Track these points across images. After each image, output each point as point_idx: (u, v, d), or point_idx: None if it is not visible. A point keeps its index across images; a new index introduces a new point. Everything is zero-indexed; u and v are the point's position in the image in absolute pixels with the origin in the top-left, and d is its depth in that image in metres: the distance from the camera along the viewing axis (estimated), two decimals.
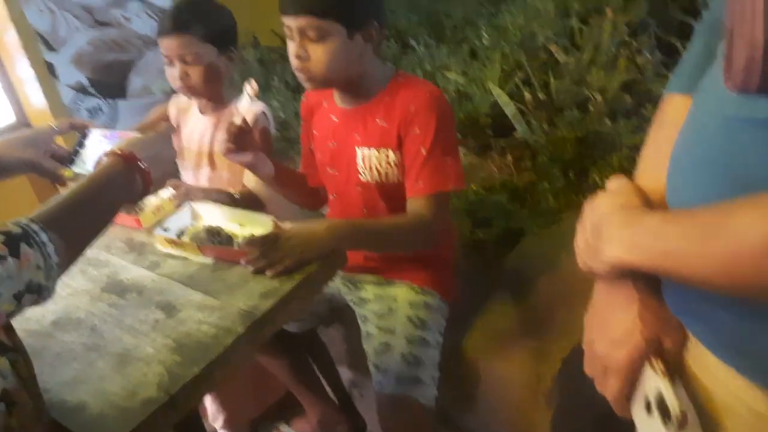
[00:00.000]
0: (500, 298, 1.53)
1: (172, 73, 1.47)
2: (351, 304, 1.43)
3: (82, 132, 1.22)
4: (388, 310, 1.33)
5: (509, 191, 1.88)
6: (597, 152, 1.90)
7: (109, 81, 2.38)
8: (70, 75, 2.26)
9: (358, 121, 1.30)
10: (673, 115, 0.69)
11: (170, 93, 1.73)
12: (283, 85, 2.53)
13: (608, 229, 0.62)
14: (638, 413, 0.63)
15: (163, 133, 1.10)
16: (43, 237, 0.79)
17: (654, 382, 0.59)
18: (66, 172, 1.16)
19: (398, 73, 1.29)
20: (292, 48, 1.21)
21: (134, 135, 1.08)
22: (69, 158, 1.18)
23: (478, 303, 1.53)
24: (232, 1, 1.54)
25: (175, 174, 1.69)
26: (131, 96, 2.45)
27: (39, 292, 0.79)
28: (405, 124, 1.22)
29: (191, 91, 1.51)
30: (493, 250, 1.68)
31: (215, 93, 1.54)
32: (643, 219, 0.59)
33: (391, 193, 1.31)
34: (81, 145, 1.20)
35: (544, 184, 1.84)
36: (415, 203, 1.24)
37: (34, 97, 2.24)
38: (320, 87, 1.28)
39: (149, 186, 0.98)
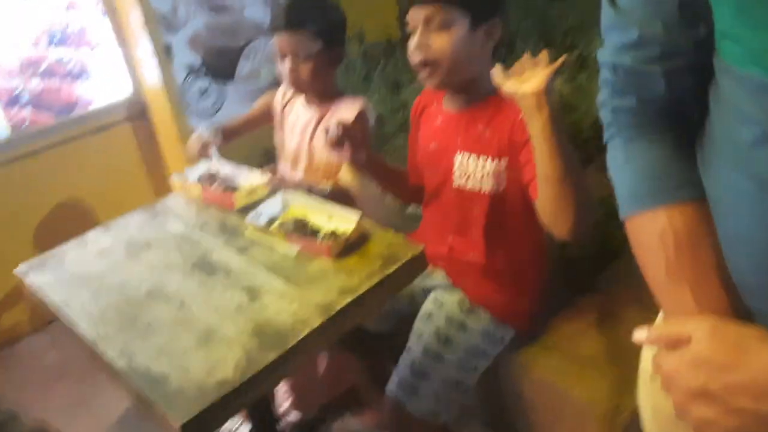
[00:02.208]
0: (587, 321, 1.47)
1: (284, 67, 1.50)
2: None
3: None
4: (428, 315, 1.36)
5: (607, 209, 1.80)
6: None
7: (220, 64, 2.48)
8: (184, 56, 2.38)
9: (461, 125, 1.29)
10: (683, 227, 0.66)
11: (275, 79, 1.78)
12: (383, 81, 2.54)
13: None
14: None
15: None
16: None
17: None
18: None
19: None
20: (413, 42, 1.20)
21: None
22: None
23: (561, 323, 1.48)
24: None
25: (272, 161, 1.74)
26: (239, 79, 2.55)
27: None
28: (519, 131, 1.17)
29: (299, 85, 1.54)
30: (585, 270, 1.62)
31: (322, 88, 1.56)
32: None
33: (484, 202, 1.28)
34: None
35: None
36: None
37: (151, 74, 2.38)
38: (440, 85, 1.25)
39: None
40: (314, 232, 1.23)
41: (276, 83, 1.76)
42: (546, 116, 1.02)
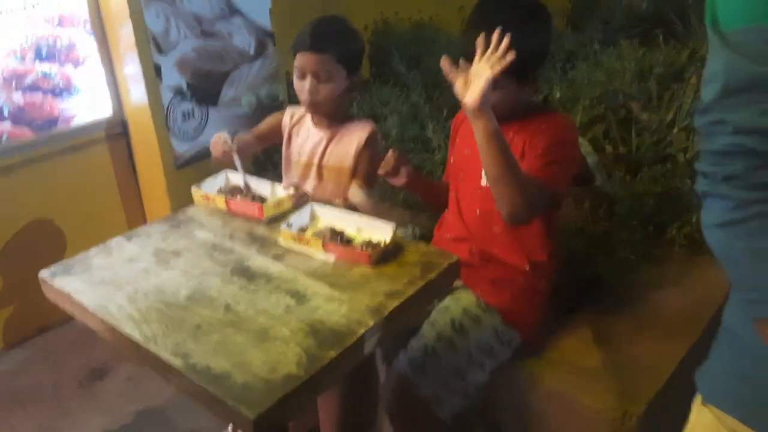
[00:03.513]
0: (584, 337, 1.58)
1: (302, 86, 1.56)
2: None
3: None
4: (445, 308, 1.45)
5: (587, 238, 1.94)
6: (676, 209, 1.95)
7: (205, 88, 2.50)
8: (171, 78, 2.39)
9: None
10: None
11: (255, 107, 1.82)
12: (361, 114, 2.64)
13: None
14: None
15: None
16: None
17: None
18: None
19: (537, 105, 1.45)
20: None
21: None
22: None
23: (561, 339, 1.58)
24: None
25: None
26: (222, 104, 2.57)
27: None
28: (531, 137, 1.37)
29: (314, 106, 1.59)
30: (573, 294, 1.73)
31: (335, 110, 1.62)
32: None
33: None
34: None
35: (623, 234, 1.89)
36: None
37: (136, 94, 2.37)
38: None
39: None
40: (349, 241, 1.27)
41: (256, 111, 1.80)
42: (482, 124, 1.22)
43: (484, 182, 1.43)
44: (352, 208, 1.62)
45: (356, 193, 1.62)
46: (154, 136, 2.38)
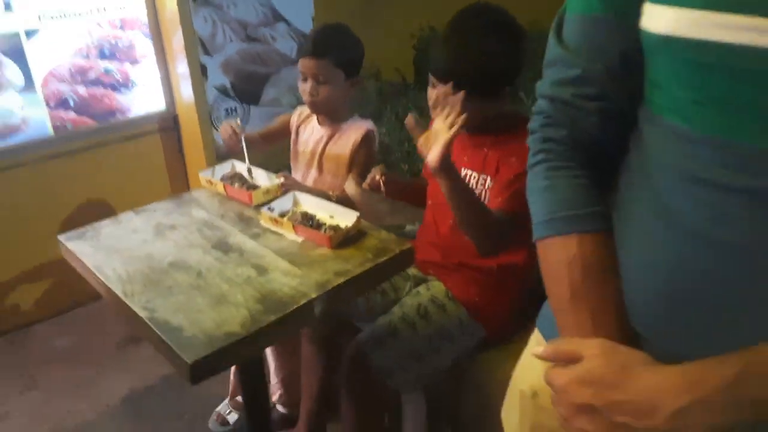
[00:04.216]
0: None
1: (304, 88, 1.72)
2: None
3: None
4: (416, 293, 1.56)
5: None
6: None
7: (248, 88, 2.72)
8: (217, 77, 2.62)
9: (468, 146, 1.51)
10: (591, 255, 0.70)
11: (295, 106, 2.00)
12: (394, 116, 2.77)
13: (668, 399, 0.55)
14: None
15: None
16: None
17: None
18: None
19: (521, 117, 1.45)
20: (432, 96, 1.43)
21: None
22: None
23: (527, 334, 1.64)
24: (363, 33, 1.79)
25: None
26: (263, 104, 2.78)
27: None
28: (506, 155, 1.42)
29: (315, 105, 1.75)
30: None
31: (335, 110, 1.78)
32: (712, 374, 0.55)
33: None
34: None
35: None
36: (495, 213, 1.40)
37: (185, 92, 2.62)
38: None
39: None
40: (319, 225, 1.42)
41: (293, 109, 1.98)
42: (445, 182, 1.29)
43: None
44: (347, 199, 1.77)
45: (351, 186, 1.76)
46: (198, 130, 2.62)
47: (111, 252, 1.40)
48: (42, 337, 2.53)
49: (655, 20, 0.62)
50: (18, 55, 2.29)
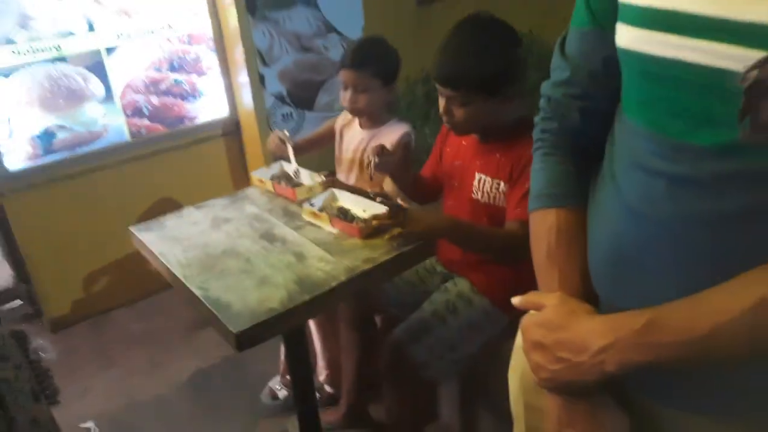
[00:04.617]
0: None
1: (345, 96, 1.90)
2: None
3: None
4: (444, 289, 1.69)
5: None
6: None
7: (303, 95, 2.93)
8: (274, 85, 2.84)
9: (480, 151, 1.63)
10: (565, 225, 0.85)
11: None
12: (439, 118, 2.90)
13: (594, 339, 0.69)
14: None
15: None
16: None
17: None
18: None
19: (526, 119, 1.56)
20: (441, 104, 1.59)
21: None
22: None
23: None
24: (412, 41, 1.94)
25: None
26: (317, 109, 2.99)
27: None
28: (521, 162, 1.52)
29: (356, 111, 1.93)
30: None
31: (374, 115, 1.94)
32: (624, 320, 0.68)
33: (493, 213, 1.61)
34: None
35: None
36: (512, 225, 1.52)
37: (246, 99, 2.86)
38: (464, 134, 1.66)
39: None
40: (352, 219, 1.58)
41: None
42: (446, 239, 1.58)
43: (474, 195, 1.62)
44: (386, 196, 1.93)
45: (389, 184, 1.92)
46: (258, 134, 2.85)
47: (173, 241, 1.62)
48: (120, 322, 2.82)
49: (619, 36, 0.74)
50: (99, 70, 2.58)
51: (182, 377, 2.41)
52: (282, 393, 2.14)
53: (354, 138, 2.02)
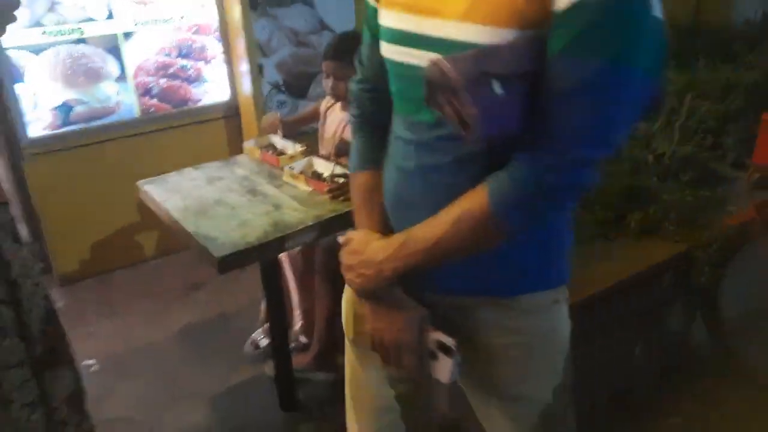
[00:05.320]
0: None
1: (327, 83, 2.20)
2: None
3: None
4: None
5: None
6: (637, 202, 2.30)
7: (297, 85, 3.25)
8: (272, 75, 3.15)
9: None
10: (366, 183, 1.08)
11: None
12: None
13: (376, 256, 0.95)
14: (429, 363, 0.98)
15: None
16: None
17: (431, 337, 0.97)
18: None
19: None
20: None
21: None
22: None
23: None
24: None
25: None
26: (309, 98, 3.30)
27: None
28: None
29: (336, 97, 2.23)
30: None
31: None
32: (393, 241, 0.94)
33: None
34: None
35: (587, 216, 2.28)
36: None
37: (246, 86, 3.17)
38: None
39: None
40: (323, 180, 1.89)
41: None
42: None
43: None
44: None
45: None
46: (255, 117, 3.16)
47: (173, 192, 1.93)
48: (123, 281, 3.13)
49: (381, 48, 1.03)
50: (116, 53, 2.90)
51: (175, 329, 2.70)
52: (263, 342, 2.43)
53: (335, 119, 2.33)
